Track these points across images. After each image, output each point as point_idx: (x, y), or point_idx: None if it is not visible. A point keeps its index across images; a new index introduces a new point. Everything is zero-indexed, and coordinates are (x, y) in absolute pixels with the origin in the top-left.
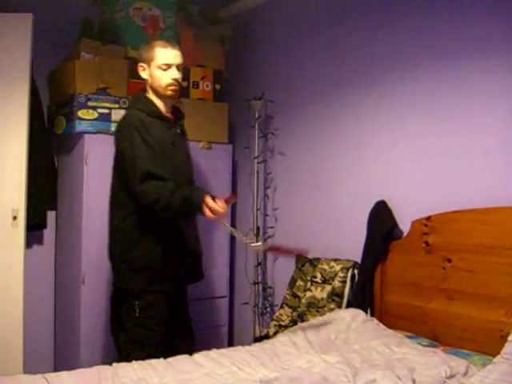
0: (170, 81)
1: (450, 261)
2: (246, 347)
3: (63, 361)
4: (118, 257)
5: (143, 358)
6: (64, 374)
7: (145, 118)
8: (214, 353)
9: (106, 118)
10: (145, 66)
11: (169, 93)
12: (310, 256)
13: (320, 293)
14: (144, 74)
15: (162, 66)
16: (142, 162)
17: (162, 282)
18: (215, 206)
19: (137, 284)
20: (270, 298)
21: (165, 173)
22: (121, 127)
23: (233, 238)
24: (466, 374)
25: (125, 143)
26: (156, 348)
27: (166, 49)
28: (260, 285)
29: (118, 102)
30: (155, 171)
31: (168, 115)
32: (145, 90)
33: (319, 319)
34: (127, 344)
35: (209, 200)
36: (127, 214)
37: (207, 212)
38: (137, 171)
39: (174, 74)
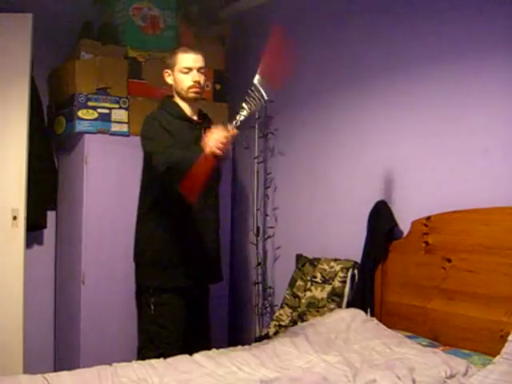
0: (192, 83)
1: (449, 261)
2: (246, 347)
3: (63, 361)
4: (137, 253)
5: (158, 357)
6: (64, 373)
7: (169, 117)
8: (213, 353)
9: (106, 117)
10: (169, 71)
11: (191, 95)
12: (309, 256)
13: (320, 293)
14: (169, 80)
15: (183, 69)
16: (160, 140)
17: (178, 279)
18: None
19: (151, 280)
20: (269, 298)
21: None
22: (145, 120)
23: (233, 238)
24: (465, 374)
25: (145, 127)
26: (171, 347)
27: (186, 53)
28: (260, 285)
29: (117, 102)
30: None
31: (194, 118)
32: (172, 96)
33: (319, 319)
34: (143, 342)
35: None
36: (145, 209)
37: (209, 147)
38: (153, 146)
39: (195, 76)
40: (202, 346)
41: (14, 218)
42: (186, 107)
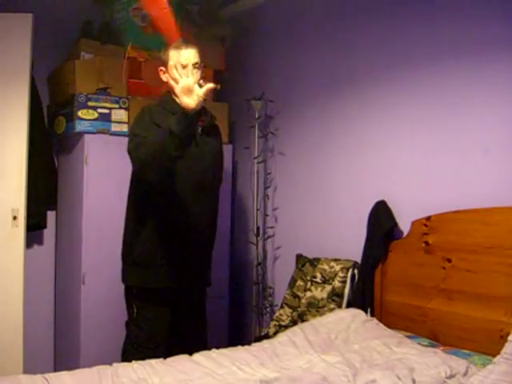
0: None
1: (449, 261)
2: (246, 347)
3: (63, 361)
4: (123, 251)
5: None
6: (64, 374)
7: (163, 112)
8: (213, 353)
9: (105, 117)
10: (163, 69)
11: None
12: (309, 256)
13: (320, 293)
14: (164, 78)
15: (177, 66)
16: (146, 135)
17: (162, 281)
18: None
19: (134, 280)
20: (270, 298)
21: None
22: (138, 113)
23: (233, 238)
24: (466, 374)
25: (135, 121)
26: (154, 351)
27: (179, 50)
28: (260, 285)
29: (117, 102)
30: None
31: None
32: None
33: (319, 319)
34: (126, 345)
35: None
36: (131, 206)
37: (187, 100)
38: (136, 142)
39: (189, 73)
40: (197, 349)
41: (14, 218)
42: None
